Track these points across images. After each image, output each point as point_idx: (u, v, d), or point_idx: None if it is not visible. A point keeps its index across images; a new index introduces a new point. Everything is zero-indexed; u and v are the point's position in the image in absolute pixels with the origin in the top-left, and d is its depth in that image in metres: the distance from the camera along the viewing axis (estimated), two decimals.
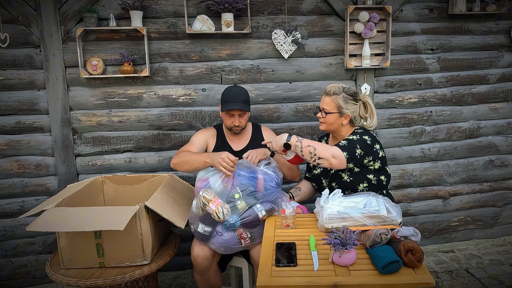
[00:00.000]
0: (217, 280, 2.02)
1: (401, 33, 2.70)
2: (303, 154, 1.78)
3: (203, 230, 1.83)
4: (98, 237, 1.80)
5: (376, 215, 1.62)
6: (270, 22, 2.56)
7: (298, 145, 1.77)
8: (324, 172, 2.08)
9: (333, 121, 1.97)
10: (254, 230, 1.85)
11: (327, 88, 2.01)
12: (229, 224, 1.79)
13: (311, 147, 1.76)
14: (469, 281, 2.56)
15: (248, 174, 1.86)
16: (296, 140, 1.78)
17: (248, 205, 1.82)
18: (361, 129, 1.99)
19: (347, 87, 1.99)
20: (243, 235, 1.83)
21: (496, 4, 2.70)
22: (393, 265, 1.36)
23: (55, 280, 1.78)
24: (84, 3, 2.37)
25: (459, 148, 2.93)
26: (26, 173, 2.54)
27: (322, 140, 2.24)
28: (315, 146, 1.77)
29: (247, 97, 2.16)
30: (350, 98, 1.97)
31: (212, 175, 1.90)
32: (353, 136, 1.91)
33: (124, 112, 2.56)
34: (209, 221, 1.81)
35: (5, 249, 2.60)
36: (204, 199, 1.75)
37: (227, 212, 1.75)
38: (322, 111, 1.99)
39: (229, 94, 2.14)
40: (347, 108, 1.95)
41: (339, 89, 1.97)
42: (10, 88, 2.44)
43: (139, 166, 2.62)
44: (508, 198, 3.08)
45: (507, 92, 2.91)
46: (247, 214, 1.80)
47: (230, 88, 2.20)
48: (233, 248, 1.86)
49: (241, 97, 2.11)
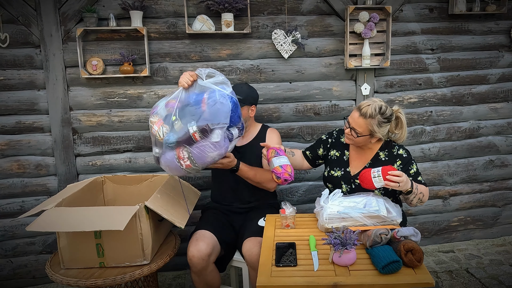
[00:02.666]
0: (215, 280, 2.00)
1: (401, 33, 2.70)
2: (413, 199, 1.79)
3: (155, 152, 1.87)
4: (98, 237, 1.80)
5: (376, 215, 1.62)
6: (270, 22, 2.56)
7: (415, 192, 1.77)
8: (345, 177, 1.98)
9: (362, 141, 1.88)
10: (193, 152, 1.76)
11: (362, 108, 1.82)
12: (167, 142, 1.78)
13: (421, 194, 1.80)
14: (469, 281, 2.56)
15: (195, 96, 1.83)
16: (415, 187, 1.76)
17: (184, 124, 1.80)
18: (390, 140, 1.97)
19: (384, 108, 1.83)
20: (180, 154, 1.78)
21: (496, 4, 2.70)
22: (393, 265, 1.37)
23: (55, 280, 1.78)
24: (84, 3, 2.37)
25: (459, 148, 2.93)
26: (26, 173, 2.54)
27: (342, 137, 2.09)
28: (423, 193, 1.81)
29: (245, 95, 2.10)
30: (385, 121, 1.84)
31: (161, 101, 1.90)
32: (401, 153, 1.92)
33: (124, 112, 2.56)
34: (159, 144, 1.84)
35: (5, 249, 2.60)
36: (150, 122, 1.83)
37: (166, 131, 1.78)
38: (352, 129, 1.86)
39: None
40: (379, 132, 1.85)
41: (375, 111, 1.80)
42: (10, 88, 2.44)
43: (139, 166, 2.62)
44: (508, 198, 3.08)
45: (507, 92, 2.91)
46: (183, 132, 1.77)
47: (234, 86, 2.12)
48: (177, 170, 1.80)
49: (236, 94, 1.97)
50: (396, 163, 1.90)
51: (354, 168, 1.97)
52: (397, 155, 1.91)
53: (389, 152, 1.93)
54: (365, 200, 1.71)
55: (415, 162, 1.92)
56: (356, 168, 1.96)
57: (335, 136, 2.11)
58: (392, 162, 1.90)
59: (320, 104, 2.70)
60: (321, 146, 2.12)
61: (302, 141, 2.73)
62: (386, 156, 1.93)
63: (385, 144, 1.95)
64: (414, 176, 1.87)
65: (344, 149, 2.04)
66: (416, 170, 1.90)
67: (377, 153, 1.94)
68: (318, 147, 2.13)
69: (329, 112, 2.72)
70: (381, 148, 1.95)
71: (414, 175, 1.88)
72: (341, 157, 2.02)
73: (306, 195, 2.81)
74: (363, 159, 1.96)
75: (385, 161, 1.91)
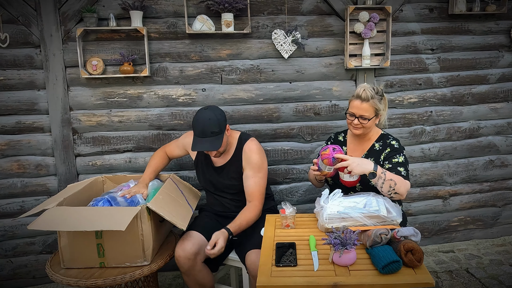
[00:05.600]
0: (206, 280, 1.98)
1: (401, 33, 2.70)
2: (383, 186, 1.74)
3: None
4: (99, 237, 1.80)
5: (376, 215, 1.62)
6: (270, 22, 2.56)
7: (382, 176, 1.74)
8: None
9: (371, 125, 1.94)
10: None
11: (360, 94, 1.88)
12: None
13: (392, 181, 1.74)
14: (469, 281, 2.56)
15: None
16: (381, 172, 1.74)
17: None
18: (387, 133, 2.02)
19: (375, 87, 1.92)
20: None
21: (496, 4, 2.70)
22: (393, 265, 1.37)
23: (55, 280, 1.78)
24: (84, 3, 2.37)
25: (459, 148, 2.93)
26: (26, 173, 2.54)
27: (339, 136, 2.15)
28: (395, 181, 1.75)
29: (218, 126, 1.93)
30: (381, 97, 1.93)
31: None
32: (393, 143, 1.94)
33: (124, 112, 2.56)
34: None
35: (5, 249, 2.60)
36: None
37: None
38: (359, 118, 1.90)
39: (197, 125, 1.95)
40: (382, 109, 1.93)
41: (372, 91, 1.88)
42: (10, 88, 2.44)
43: (139, 166, 2.62)
44: (508, 198, 3.08)
45: (507, 92, 2.91)
46: None
47: (199, 116, 1.95)
48: None
49: (209, 130, 1.91)
50: (385, 151, 1.96)
51: None
52: (389, 144, 1.97)
53: (383, 142, 2.00)
54: (365, 200, 1.71)
55: (404, 155, 1.92)
56: None
57: (332, 138, 2.19)
58: (383, 150, 1.97)
59: (320, 104, 2.70)
60: None
61: (302, 141, 2.73)
62: (380, 146, 1.99)
63: (381, 136, 2.02)
64: (395, 164, 1.87)
65: (342, 145, 2.10)
66: (400, 161, 1.89)
67: (373, 144, 2.01)
68: None
69: (329, 112, 2.72)
70: (377, 140, 2.02)
71: (395, 164, 1.88)
72: None
73: (306, 195, 2.81)
74: (360, 150, 2.04)
75: (379, 150, 1.98)
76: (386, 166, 1.90)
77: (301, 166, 2.76)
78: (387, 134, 2.04)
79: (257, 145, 2.12)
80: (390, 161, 1.90)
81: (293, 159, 2.74)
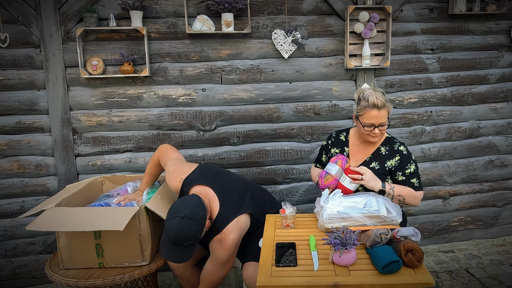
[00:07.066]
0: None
1: (401, 33, 2.70)
2: (392, 200, 1.82)
3: None
4: (98, 238, 1.80)
5: (376, 215, 1.62)
6: (270, 22, 2.56)
7: (391, 193, 1.83)
8: None
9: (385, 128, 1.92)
10: None
11: (376, 102, 1.80)
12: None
13: (401, 197, 1.85)
14: (469, 281, 2.56)
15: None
16: (390, 188, 1.83)
17: None
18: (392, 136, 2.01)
19: (378, 89, 1.89)
20: None
21: (496, 4, 2.70)
22: (393, 265, 1.37)
23: (54, 281, 1.77)
24: (84, 3, 2.37)
25: (459, 148, 2.93)
26: (26, 173, 2.54)
27: (340, 135, 2.09)
28: (404, 196, 1.85)
29: (193, 238, 1.56)
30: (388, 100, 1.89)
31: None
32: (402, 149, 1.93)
33: (124, 112, 2.56)
34: None
35: (5, 249, 2.60)
36: None
37: None
38: (380, 126, 1.85)
39: (169, 233, 1.55)
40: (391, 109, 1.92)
41: (382, 97, 1.83)
42: (10, 88, 2.44)
43: (139, 166, 2.62)
44: (508, 198, 3.08)
45: (507, 92, 2.91)
46: None
47: (172, 225, 1.54)
48: None
49: (182, 243, 1.56)
50: (394, 158, 1.92)
51: (354, 161, 1.98)
52: (397, 151, 1.94)
53: (390, 147, 1.96)
54: (365, 200, 1.71)
55: (415, 163, 1.93)
56: (356, 161, 1.97)
57: (334, 136, 2.13)
58: (392, 157, 1.93)
59: (320, 104, 2.70)
60: (323, 152, 2.16)
61: (302, 141, 2.73)
62: (386, 151, 1.95)
63: (387, 140, 1.98)
64: (408, 176, 1.90)
65: (344, 146, 2.06)
66: (413, 171, 1.91)
67: (379, 148, 1.97)
68: (322, 155, 2.18)
69: (329, 112, 2.72)
70: (383, 143, 1.97)
71: (408, 175, 1.90)
72: (341, 153, 2.04)
73: (306, 195, 2.81)
74: (365, 153, 1.99)
75: (385, 155, 1.94)
76: (399, 178, 1.90)
77: (301, 166, 2.76)
78: (393, 137, 2.01)
79: (232, 237, 1.72)
80: (404, 173, 1.90)
81: (293, 159, 2.74)
